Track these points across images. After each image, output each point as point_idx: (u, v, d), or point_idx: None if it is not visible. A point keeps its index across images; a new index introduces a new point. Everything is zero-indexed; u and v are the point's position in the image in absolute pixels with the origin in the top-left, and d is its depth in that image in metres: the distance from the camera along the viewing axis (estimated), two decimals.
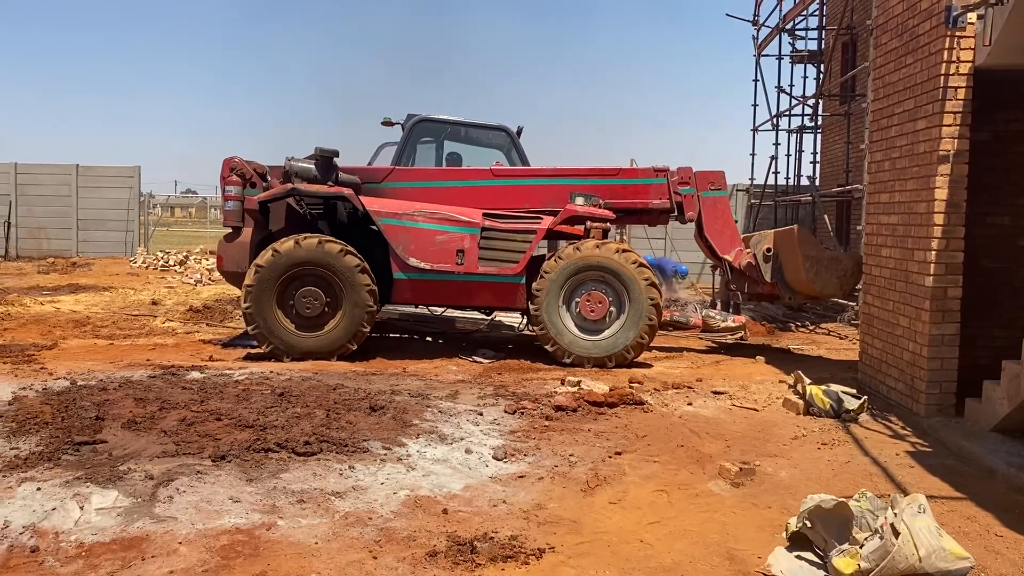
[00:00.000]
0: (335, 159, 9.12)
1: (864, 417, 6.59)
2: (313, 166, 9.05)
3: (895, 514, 3.66)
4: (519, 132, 10.14)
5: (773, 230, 10.06)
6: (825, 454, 5.71)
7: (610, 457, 5.45)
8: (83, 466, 4.81)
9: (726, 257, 9.97)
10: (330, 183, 9.01)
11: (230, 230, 9.19)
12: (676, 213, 9.92)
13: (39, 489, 4.43)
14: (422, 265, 8.77)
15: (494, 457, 5.34)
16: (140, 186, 22.60)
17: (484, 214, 9.00)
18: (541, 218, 9.14)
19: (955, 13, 6.13)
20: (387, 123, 10.21)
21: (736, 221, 10.73)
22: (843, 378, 7.78)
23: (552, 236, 9.59)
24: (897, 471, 5.35)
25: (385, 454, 5.27)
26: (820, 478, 5.17)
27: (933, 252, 6.37)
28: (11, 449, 5.10)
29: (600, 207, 9.35)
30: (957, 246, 6.36)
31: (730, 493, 4.87)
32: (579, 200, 9.28)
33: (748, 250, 9.80)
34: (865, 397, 6.80)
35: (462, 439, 5.69)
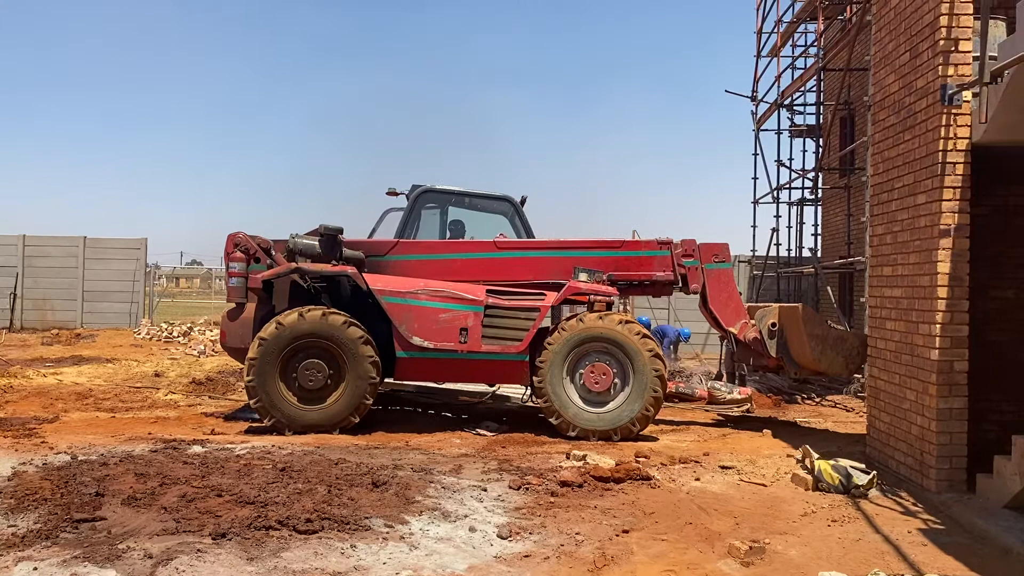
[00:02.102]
0: (339, 235, 9.20)
1: (874, 492, 6.49)
2: (317, 243, 9.13)
3: None
4: (523, 202, 10.21)
5: (778, 305, 10.04)
6: (835, 531, 5.61)
7: (617, 535, 5.35)
8: (81, 544, 4.73)
9: (731, 330, 9.94)
10: (334, 261, 9.07)
11: (234, 305, 9.22)
12: (680, 285, 9.94)
13: (36, 569, 4.35)
14: (425, 344, 8.76)
15: (499, 535, 5.25)
16: (146, 258, 22.75)
17: (488, 291, 9.01)
18: (544, 295, 9.15)
19: (951, 91, 6.27)
20: (392, 193, 10.30)
21: (740, 293, 10.74)
22: (851, 452, 7.69)
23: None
24: (910, 550, 5.24)
25: (387, 532, 5.18)
26: (831, 556, 5.07)
27: (938, 325, 6.37)
28: (9, 527, 5.02)
29: (603, 282, 9.37)
30: (962, 319, 6.36)
31: (740, 573, 4.77)
32: (582, 276, 9.31)
33: (753, 323, 9.78)
34: (874, 472, 6.71)
35: (466, 516, 5.60)
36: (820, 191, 17.81)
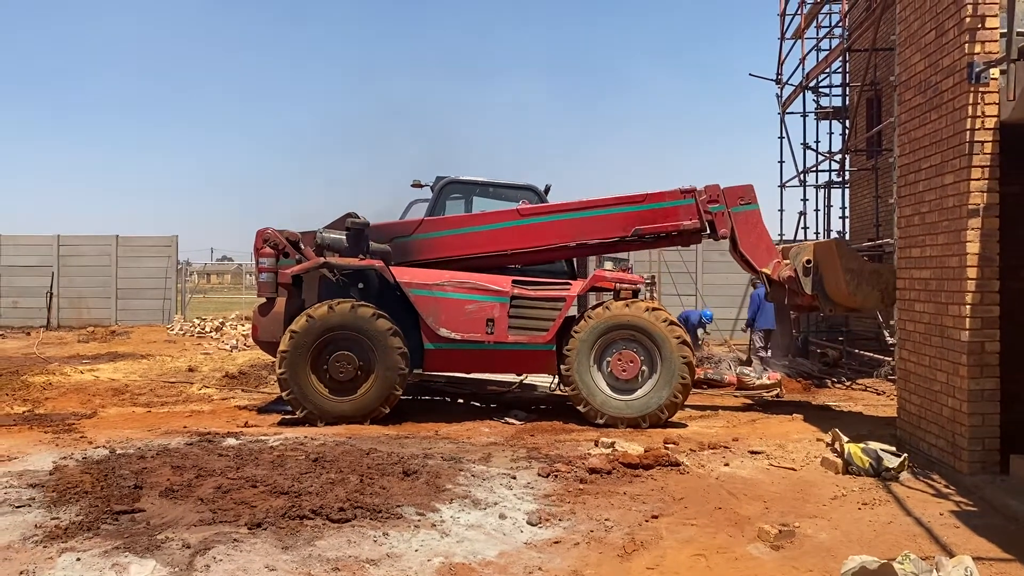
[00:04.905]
0: (366, 229, 9.27)
1: (905, 475, 6.46)
2: (344, 237, 9.21)
3: None
4: (547, 191, 10.21)
5: (812, 242, 9.88)
6: (866, 514, 5.60)
7: (646, 521, 5.38)
8: (122, 535, 4.86)
9: (764, 270, 9.75)
10: (361, 256, 9.15)
11: (265, 300, 9.34)
12: (708, 232, 9.79)
13: (79, 559, 4.48)
14: (452, 335, 8.83)
15: (528, 522, 5.30)
16: (178, 255, 23.13)
17: (513, 282, 9.05)
18: (570, 284, 9.18)
19: (978, 69, 6.19)
20: (417, 185, 10.36)
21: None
22: (882, 435, 7.64)
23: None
24: (942, 532, 5.22)
25: (419, 520, 5.26)
26: (862, 539, 5.06)
27: (968, 306, 6.30)
28: (52, 519, 5.17)
29: (629, 271, 9.36)
30: (992, 300, 6.29)
31: (770, 556, 4.78)
32: (608, 265, 9.32)
33: (787, 262, 9.63)
34: (905, 455, 6.67)
35: (496, 503, 5.67)
36: (847, 173, 17.60)
